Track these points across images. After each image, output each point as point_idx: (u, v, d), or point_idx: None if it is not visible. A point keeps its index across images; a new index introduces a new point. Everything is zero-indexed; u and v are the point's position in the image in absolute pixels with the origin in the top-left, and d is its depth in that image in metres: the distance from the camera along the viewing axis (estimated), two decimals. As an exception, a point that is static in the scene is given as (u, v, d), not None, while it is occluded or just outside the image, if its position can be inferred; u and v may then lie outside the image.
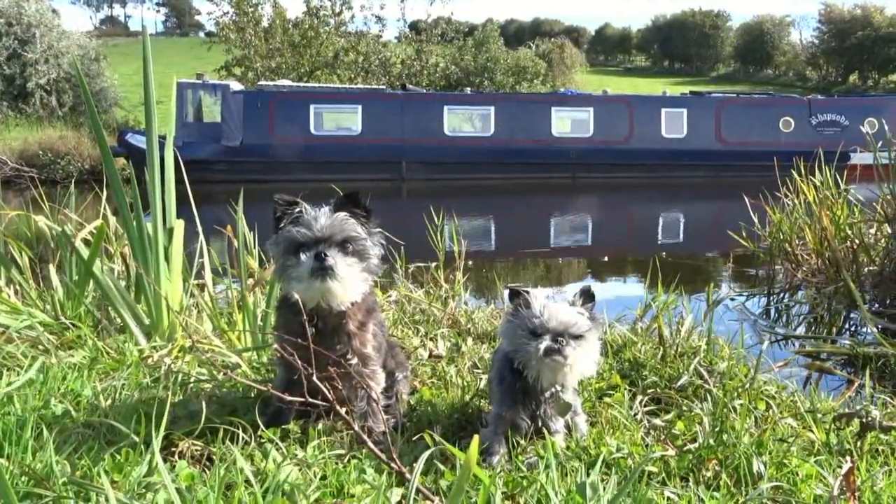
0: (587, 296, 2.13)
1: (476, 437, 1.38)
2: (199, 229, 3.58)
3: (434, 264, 4.51)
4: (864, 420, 2.28)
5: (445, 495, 1.83)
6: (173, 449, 2.09)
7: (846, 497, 1.82)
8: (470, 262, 4.69)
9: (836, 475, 1.92)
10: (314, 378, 1.94)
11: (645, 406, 2.65)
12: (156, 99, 3.29)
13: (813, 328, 5.14)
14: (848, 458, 2.11)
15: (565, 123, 17.01)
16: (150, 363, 2.83)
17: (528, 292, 2.11)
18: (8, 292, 3.55)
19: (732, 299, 5.75)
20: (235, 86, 16.66)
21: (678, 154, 16.40)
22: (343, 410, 1.98)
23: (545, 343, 2.01)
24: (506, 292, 2.22)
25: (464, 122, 17.30)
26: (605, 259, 9.44)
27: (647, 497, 1.82)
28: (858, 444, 2.28)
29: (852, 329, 4.94)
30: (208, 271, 3.54)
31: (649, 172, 16.48)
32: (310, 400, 1.98)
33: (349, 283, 2.04)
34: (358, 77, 23.00)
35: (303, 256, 2.00)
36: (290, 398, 2.04)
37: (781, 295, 5.84)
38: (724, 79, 55.11)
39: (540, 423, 2.16)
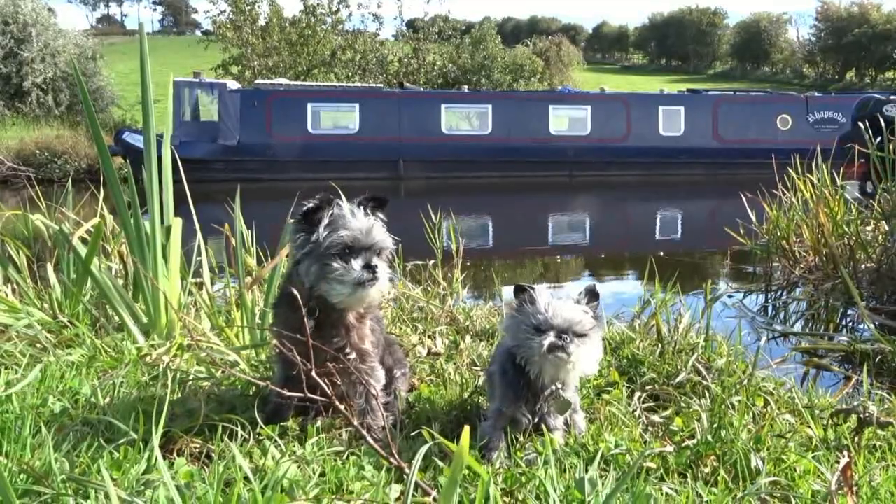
0: (592, 294, 2.13)
1: (467, 429, 1.38)
2: (197, 228, 3.57)
3: (432, 262, 4.51)
4: (861, 416, 2.29)
5: (444, 491, 1.83)
6: (172, 446, 2.09)
7: (844, 492, 1.83)
8: (468, 261, 4.68)
9: (834, 470, 1.93)
10: (313, 373, 1.94)
11: (643, 402, 2.65)
12: (153, 98, 3.28)
13: (810, 325, 5.15)
14: (845, 453, 2.11)
15: (563, 121, 17.00)
16: (149, 361, 2.82)
17: (533, 289, 2.11)
18: (6, 291, 3.55)
19: (730, 296, 5.75)
20: (232, 84, 16.63)
21: (675, 152, 16.40)
22: (342, 407, 1.98)
23: (549, 339, 2.01)
24: (507, 289, 2.23)
25: (461, 120, 17.29)
26: (603, 256, 9.45)
27: (645, 493, 1.82)
28: (856, 439, 2.29)
29: (850, 325, 4.95)
30: (206, 269, 3.53)
31: (647, 170, 16.47)
32: (309, 396, 1.98)
33: (384, 289, 2.10)
34: (355, 75, 22.99)
35: (354, 263, 2.01)
36: (288, 394, 2.04)
37: (779, 292, 5.85)
38: (721, 76, 55.20)
39: (538, 420, 2.16)
